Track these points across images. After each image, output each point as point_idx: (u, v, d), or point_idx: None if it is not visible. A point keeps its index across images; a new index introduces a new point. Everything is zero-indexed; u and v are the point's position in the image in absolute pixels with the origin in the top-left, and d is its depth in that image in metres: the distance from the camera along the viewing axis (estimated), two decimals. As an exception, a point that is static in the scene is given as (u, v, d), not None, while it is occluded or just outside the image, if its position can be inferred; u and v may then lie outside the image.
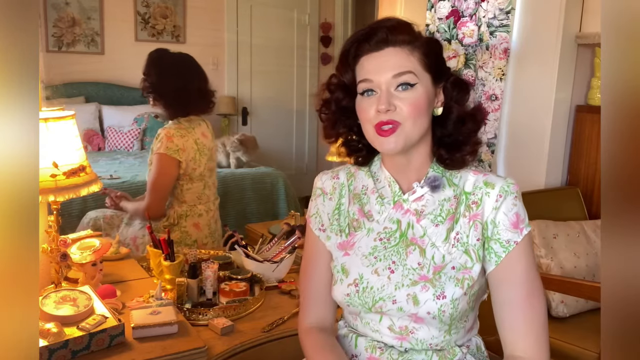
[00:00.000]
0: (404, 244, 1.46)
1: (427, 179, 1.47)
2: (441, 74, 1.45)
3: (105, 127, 6.07)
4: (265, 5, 7.03)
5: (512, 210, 1.40)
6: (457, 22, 3.47)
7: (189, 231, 3.05)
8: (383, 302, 1.41)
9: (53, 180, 1.92)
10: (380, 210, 1.50)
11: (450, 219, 1.44)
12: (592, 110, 3.31)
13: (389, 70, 1.39)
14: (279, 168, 5.49)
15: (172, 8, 6.65)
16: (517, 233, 1.39)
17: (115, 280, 2.28)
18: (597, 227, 3.03)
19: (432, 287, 1.38)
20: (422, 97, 1.39)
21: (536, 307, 1.40)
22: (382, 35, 1.40)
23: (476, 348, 1.52)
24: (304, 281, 1.63)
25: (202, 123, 3.15)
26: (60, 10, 6.09)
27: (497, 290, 1.42)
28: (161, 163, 2.96)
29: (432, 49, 1.44)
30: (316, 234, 1.58)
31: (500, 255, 1.39)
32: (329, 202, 1.58)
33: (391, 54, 1.40)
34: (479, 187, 1.43)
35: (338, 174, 1.60)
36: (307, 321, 1.60)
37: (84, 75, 6.22)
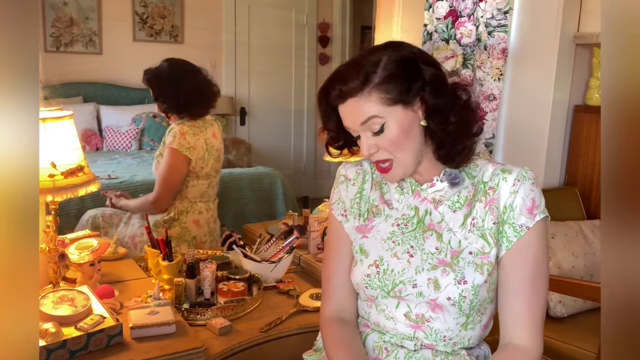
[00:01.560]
0: (421, 229, 1.47)
1: (446, 173, 1.48)
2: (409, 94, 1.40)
3: (103, 127, 6.06)
4: (263, 6, 7.03)
5: (529, 195, 1.41)
6: (455, 22, 3.47)
7: (188, 227, 3.08)
8: (403, 285, 1.42)
9: (51, 180, 1.92)
10: (399, 199, 1.53)
11: (468, 204, 1.46)
12: (590, 110, 3.31)
13: (355, 119, 1.41)
14: (277, 168, 5.47)
15: (170, 8, 6.65)
16: (530, 218, 1.40)
17: (113, 280, 2.28)
18: (595, 227, 3.03)
19: (452, 272, 1.39)
20: (396, 131, 1.40)
21: (539, 297, 1.42)
22: (336, 92, 1.42)
23: (483, 357, 1.52)
24: (326, 269, 1.64)
25: (215, 124, 3.21)
26: (58, 10, 6.09)
27: (504, 274, 1.43)
28: (172, 158, 3.00)
29: (392, 78, 1.39)
30: (339, 219, 1.60)
31: (512, 239, 1.40)
32: (352, 188, 1.60)
33: (351, 105, 1.41)
34: (496, 174, 1.44)
35: (361, 162, 1.62)
36: (328, 310, 1.60)
37: (82, 75, 6.21)
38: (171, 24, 6.68)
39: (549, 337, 2.58)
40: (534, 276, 1.41)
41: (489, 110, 3.40)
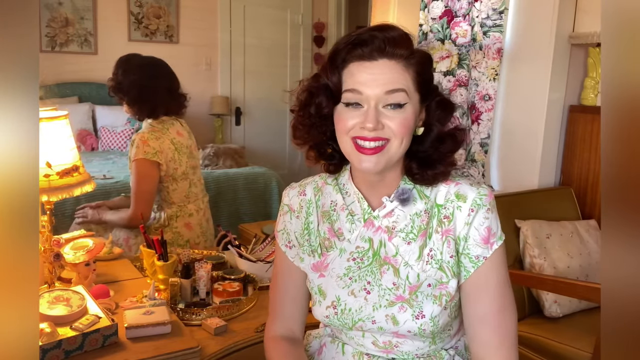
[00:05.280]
0: (378, 263, 1.41)
1: (396, 192, 1.41)
2: (429, 92, 1.38)
3: (99, 127, 6.05)
4: (258, 5, 7.03)
5: (483, 225, 1.36)
6: (451, 22, 3.47)
7: (180, 231, 3.04)
8: (363, 322, 1.40)
9: (46, 180, 1.92)
10: (351, 229, 1.45)
11: (423, 235, 1.39)
12: (586, 110, 3.32)
13: (382, 85, 1.29)
14: (272, 168, 5.48)
15: (165, 8, 6.64)
16: (487, 248, 1.36)
17: (108, 280, 2.27)
18: (590, 227, 3.04)
19: (409, 308, 1.36)
20: (410, 117, 1.32)
21: (508, 322, 1.38)
22: (379, 44, 1.29)
23: (464, 348, 1.52)
24: (272, 292, 1.61)
25: (176, 122, 3.09)
26: (53, 10, 6.08)
27: (468, 304, 1.40)
28: (140, 169, 2.91)
29: (426, 67, 1.36)
30: (282, 249, 1.56)
31: (469, 270, 1.36)
32: (296, 221, 1.53)
33: (386, 67, 1.30)
34: (451, 200, 1.38)
35: (305, 189, 1.54)
36: (273, 331, 1.58)
37: (77, 75, 6.21)
38: (166, 24, 6.68)
39: (544, 337, 2.59)
40: (500, 302, 1.37)
41: (484, 111, 3.40)
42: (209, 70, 6.90)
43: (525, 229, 2.88)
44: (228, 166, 5.29)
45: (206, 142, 5.98)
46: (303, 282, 1.54)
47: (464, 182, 1.41)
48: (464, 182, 1.41)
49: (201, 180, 3.23)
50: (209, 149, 5.36)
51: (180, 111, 3.14)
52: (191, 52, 6.68)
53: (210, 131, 6.83)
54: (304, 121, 1.42)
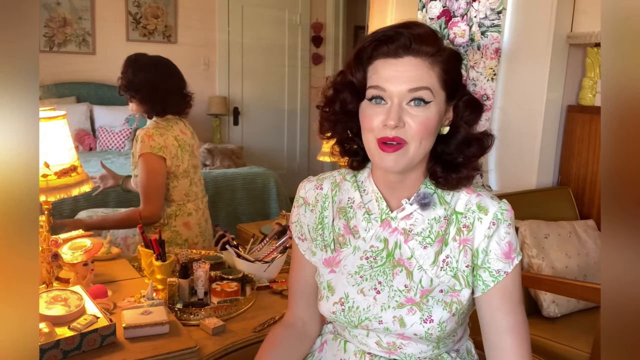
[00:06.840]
0: (391, 264, 1.41)
1: (417, 195, 1.41)
2: (456, 91, 1.37)
3: (97, 127, 6.05)
4: (256, 6, 7.03)
5: (504, 239, 1.36)
6: (449, 22, 3.47)
7: (179, 230, 3.03)
8: (369, 321, 1.40)
9: (44, 180, 1.92)
10: (367, 227, 1.44)
11: (440, 241, 1.39)
12: (584, 110, 3.32)
13: (405, 82, 1.29)
14: (270, 168, 5.48)
15: (163, 8, 6.64)
16: (508, 263, 1.36)
17: (106, 280, 2.27)
18: (588, 227, 3.04)
19: (419, 311, 1.36)
20: (433, 116, 1.31)
21: (523, 335, 1.39)
22: (404, 41, 1.29)
23: (466, 352, 1.52)
24: (288, 282, 1.64)
25: (179, 122, 3.11)
26: (51, 10, 6.08)
27: (485, 316, 1.40)
28: (148, 163, 2.91)
29: (453, 64, 1.34)
30: (296, 242, 1.57)
31: (489, 284, 1.36)
32: (310, 214, 1.53)
33: (410, 65, 1.29)
34: (472, 209, 1.38)
35: (322, 183, 1.54)
36: (285, 317, 1.63)
37: (75, 75, 6.21)
38: (164, 24, 6.68)
39: (542, 337, 2.59)
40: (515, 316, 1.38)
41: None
42: (207, 70, 6.90)
43: (524, 229, 2.88)
44: (226, 166, 5.30)
45: (204, 142, 5.98)
46: (312, 275, 1.55)
47: (485, 194, 1.41)
48: (485, 194, 1.41)
49: (201, 181, 3.23)
50: (203, 147, 5.36)
51: (185, 110, 3.17)
52: (189, 52, 6.67)
53: (208, 131, 6.83)
54: (330, 117, 1.43)
